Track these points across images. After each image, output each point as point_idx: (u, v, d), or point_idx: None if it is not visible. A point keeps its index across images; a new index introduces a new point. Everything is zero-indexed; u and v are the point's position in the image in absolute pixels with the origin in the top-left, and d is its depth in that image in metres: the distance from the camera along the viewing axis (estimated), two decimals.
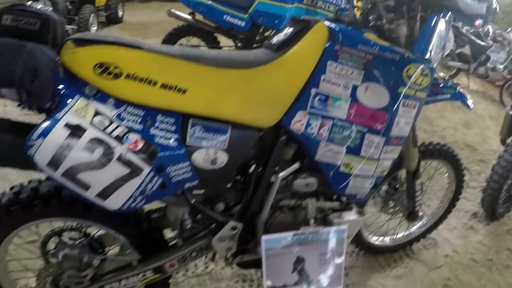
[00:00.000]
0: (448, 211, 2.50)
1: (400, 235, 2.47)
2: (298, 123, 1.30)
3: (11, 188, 1.28)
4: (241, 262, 1.53)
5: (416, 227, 2.51)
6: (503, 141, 3.10)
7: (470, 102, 1.88)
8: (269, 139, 1.34)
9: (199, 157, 1.17)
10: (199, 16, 3.77)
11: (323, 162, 1.37)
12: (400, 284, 2.28)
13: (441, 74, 7.58)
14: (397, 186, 2.14)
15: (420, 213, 2.15)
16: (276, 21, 3.62)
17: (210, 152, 1.18)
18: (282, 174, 1.35)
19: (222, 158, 1.20)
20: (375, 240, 2.38)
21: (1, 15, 0.96)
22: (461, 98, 1.83)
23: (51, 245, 1.43)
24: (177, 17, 3.70)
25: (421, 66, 1.40)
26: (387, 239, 2.43)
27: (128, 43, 1.08)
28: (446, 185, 2.45)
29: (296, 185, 1.42)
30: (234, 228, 1.36)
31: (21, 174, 1.38)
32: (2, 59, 0.92)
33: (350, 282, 2.20)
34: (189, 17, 3.75)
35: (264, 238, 1.32)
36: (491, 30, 8.34)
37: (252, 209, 1.38)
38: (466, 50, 7.46)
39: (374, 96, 1.35)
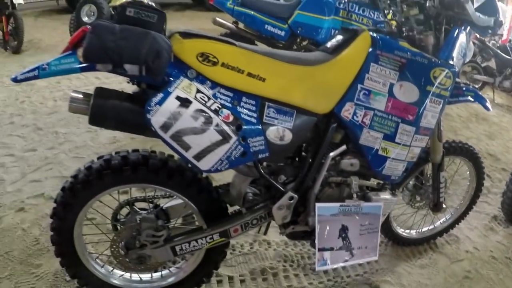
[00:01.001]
0: (469, 208, 2.72)
1: (425, 228, 2.70)
2: (347, 112, 1.60)
3: (99, 157, 1.51)
4: (292, 232, 1.79)
5: (439, 222, 2.74)
6: None
7: (489, 104, 2.15)
8: (323, 124, 1.63)
9: (271, 133, 1.45)
10: (241, 25, 4.04)
11: (365, 146, 1.66)
12: (424, 272, 2.50)
13: None
14: (423, 181, 2.40)
15: (444, 206, 2.39)
16: (314, 32, 3.83)
17: (280, 130, 1.47)
18: (332, 154, 1.64)
19: (288, 136, 1.49)
20: (403, 232, 2.61)
21: (125, 8, 1.25)
22: (481, 100, 2.10)
23: (120, 216, 1.68)
24: (221, 25, 3.96)
25: (445, 70, 1.69)
26: (413, 232, 2.67)
27: (224, 39, 1.40)
28: (468, 182, 2.68)
29: (343, 164, 1.71)
30: (291, 198, 1.63)
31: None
32: (131, 41, 1.19)
33: (380, 268, 2.43)
34: (232, 25, 4.02)
35: (318, 205, 1.60)
36: None
37: (306, 183, 1.66)
38: (492, 64, 7.54)
39: (407, 93, 1.65)
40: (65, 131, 3.26)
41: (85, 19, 5.27)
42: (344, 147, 1.65)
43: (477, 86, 7.64)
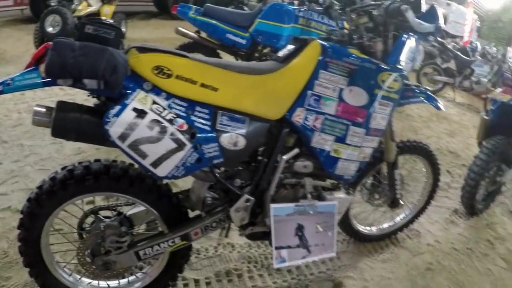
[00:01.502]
0: (427, 203, 2.83)
1: (385, 225, 2.80)
2: (298, 117, 1.68)
3: (63, 168, 1.56)
4: (251, 233, 1.86)
5: (399, 218, 2.85)
6: (479, 144, 3.44)
7: (440, 104, 2.26)
8: (275, 129, 1.70)
9: (225, 140, 1.53)
10: (203, 34, 4.10)
11: (317, 148, 1.74)
12: (386, 266, 2.60)
13: (428, 88, 7.95)
14: (381, 180, 2.50)
15: (401, 202, 2.50)
16: (274, 40, 3.92)
17: (233, 136, 1.55)
18: (285, 158, 1.71)
19: (242, 142, 1.57)
20: (363, 229, 2.71)
21: (84, 25, 1.33)
22: (432, 101, 2.21)
23: (86, 225, 1.71)
24: (184, 34, 4.01)
25: (393, 74, 1.78)
26: (373, 228, 2.77)
27: (177, 53, 1.47)
28: (424, 179, 2.79)
29: (296, 166, 1.79)
30: (247, 201, 1.70)
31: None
32: (89, 57, 1.26)
33: (342, 264, 2.51)
34: (195, 35, 4.08)
35: (272, 206, 1.67)
36: (479, 46, 8.77)
37: (261, 186, 1.73)
38: (452, 65, 7.82)
39: (356, 97, 1.73)
40: (30, 143, 3.25)
41: (50, 29, 5.18)
42: (296, 150, 1.73)
43: (439, 87, 7.89)
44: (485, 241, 3.19)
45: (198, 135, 1.45)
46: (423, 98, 2.16)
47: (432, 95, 2.25)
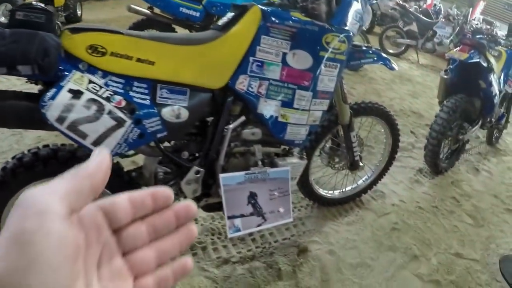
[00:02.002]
0: (389, 163, 2.86)
1: (348, 188, 2.84)
2: (241, 84, 1.66)
3: (13, 157, 1.55)
4: (206, 205, 1.87)
5: (362, 180, 2.88)
6: (440, 103, 3.50)
7: (393, 64, 2.26)
8: (220, 99, 1.68)
9: (167, 113, 1.51)
10: (156, 10, 4.00)
11: (264, 114, 1.73)
12: (351, 229, 2.64)
13: (390, 51, 8.02)
14: (339, 143, 2.51)
15: (361, 164, 2.52)
16: (228, 10, 3.85)
17: (175, 109, 1.53)
18: (231, 126, 1.70)
19: (184, 114, 1.55)
20: (326, 193, 2.74)
21: (15, 12, 1.29)
22: (384, 60, 2.21)
23: None
24: (137, 12, 3.91)
25: (338, 35, 1.76)
26: (336, 192, 2.80)
27: (111, 29, 1.43)
28: (384, 139, 2.82)
29: (244, 134, 1.77)
30: (197, 172, 1.69)
31: None
32: (21, 44, 1.24)
33: (307, 230, 2.54)
34: (147, 11, 3.99)
35: (221, 176, 1.66)
36: (442, 9, 8.82)
37: (211, 156, 1.72)
38: (414, 27, 7.89)
39: (300, 60, 1.71)
40: None
41: (2, 19, 5.00)
42: (243, 118, 1.72)
43: (401, 50, 7.96)
44: (451, 199, 3.27)
45: (138, 110, 1.43)
46: (374, 59, 2.16)
47: (384, 55, 2.25)
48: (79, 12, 6.64)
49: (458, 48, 3.38)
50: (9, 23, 1.29)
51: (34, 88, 1.46)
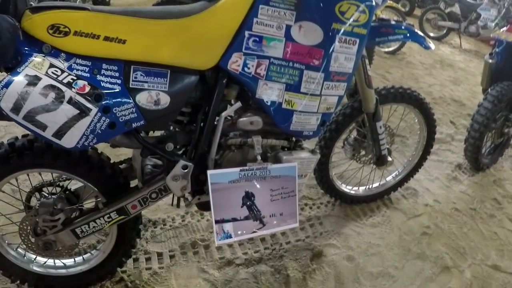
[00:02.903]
0: (423, 157, 2.55)
1: (375, 184, 2.54)
2: (235, 63, 1.39)
3: None
4: (200, 203, 1.64)
5: (391, 176, 2.58)
6: (484, 91, 3.14)
7: (429, 43, 1.93)
8: (211, 81, 1.44)
9: (143, 99, 1.30)
10: None
11: (264, 100, 1.46)
12: (376, 232, 2.36)
13: (431, 34, 7.55)
14: (366, 134, 2.21)
15: (389, 158, 2.22)
16: None
17: (152, 94, 1.32)
18: (224, 114, 1.45)
19: (165, 99, 1.33)
20: (349, 189, 2.45)
21: None
22: (417, 38, 1.89)
23: (34, 202, 1.61)
24: None
25: (356, 3, 1.46)
26: (361, 189, 2.51)
27: (75, 6, 1.25)
28: (418, 131, 2.49)
29: (241, 123, 1.51)
30: (185, 167, 1.46)
31: None
32: None
33: (324, 231, 2.28)
34: None
35: (210, 172, 1.41)
36: None
37: (201, 149, 1.49)
38: (456, 9, 7.44)
39: (308, 34, 1.42)
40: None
41: None
42: (238, 104, 1.46)
43: (443, 33, 7.52)
44: (492, 200, 2.92)
45: (106, 96, 1.25)
46: (405, 35, 1.84)
47: (419, 32, 1.91)
48: None
49: (505, 28, 2.99)
50: None
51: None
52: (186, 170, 1.46)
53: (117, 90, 1.27)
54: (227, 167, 1.51)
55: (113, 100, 1.26)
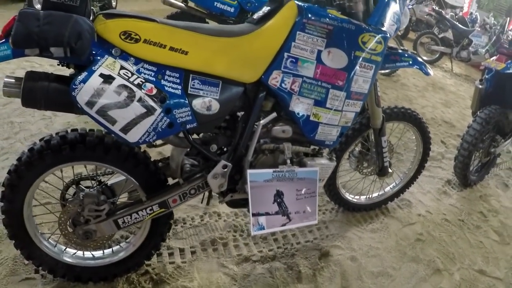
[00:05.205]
0: (418, 172, 2.80)
1: (375, 194, 2.78)
2: (274, 80, 1.63)
3: (41, 139, 1.57)
4: (231, 200, 1.84)
5: (389, 187, 2.82)
6: (474, 114, 3.37)
7: (429, 69, 2.20)
8: (252, 93, 1.66)
9: (198, 104, 1.49)
10: (191, 3, 3.99)
11: (295, 112, 1.70)
12: (375, 236, 2.58)
13: (424, 58, 7.85)
14: (369, 148, 2.46)
15: (390, 170, 2.46)
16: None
17: (206, 100, 1.51)
18: (262, 122, 1.67)
19: (215, 106, 1.53)
20: (352, 198, 2.69)
21: None
22: (419, 65, 2.15)
23: (68, 196, 1.73)
24: (171, 4, 3.91)
25: (375, 35, 1.72)
26: (363, 198, 2.74)
27: (145, 17, 1.43)
28: (414, 147, 2.75)
29: (275, 131, 1.75)
30: (225, 167, 1.67)
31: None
32: (54, 26, 1.24)
33: (330, 234, 2.50)
34: (182, 4, 3.98)
35: (249, 171, 1.63)
36: (479, 17, 8.62)
37: (239, 151, 1.70)
38: (449, 34, 7.72)
39: (335, 59, 1.68)
40: (20, 120, 3.22)
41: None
42: (274, 114, 1.69)
43: (435, 57, 7.80)
44: (478, 213, 3.16)
45: (169, 99, 1.42)
46: (410, 62, 2.10)
47: (420, 59, 2.19)
48: (113, 3, 6.66)
49: (494, 58, 3.27)
50: (43, 6, 1.30)
51: (66, 72, 1.47)
52: (225, 170, 1.67)
53: (178, 94, 1.45)
54: (259, 168, 1.73)
55: (174, 103, 1.43)
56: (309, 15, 1.61)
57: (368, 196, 2.76)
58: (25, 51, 1.28)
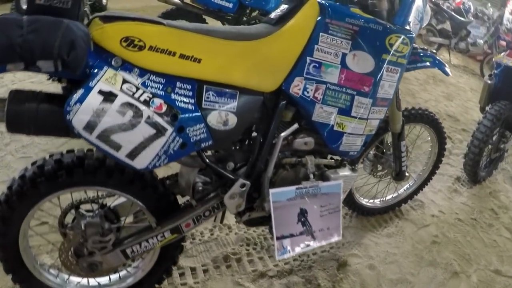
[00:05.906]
0: (432, 173, 2.70)
1: (389, 197, 2.67)
2: (296, 87, 1.46)
3: (33, 164, 1.37)
4: (249, 219, 1.67)
5: (403, 189, 2.71)
6: (482, 109, 3.30)
7: (447, 69, 2.07)
8: (271, 103, 1.49)
9: (213, 119, 1.30)
10: None
11: (319, 122, 1.54)
12: (391, 241, 2.48)
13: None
14: (384, 150, 2.33)
15: (407, 174, 2.34)
16: (263, 2, 3.65)
17: (222, 114, 1.32)
18: (283, 134, 1.50)
19: (232, 120, 1.34)
20: (366, 202, 2.57)
21: None
22: (439, 65, 2.02)
23: (68, 221, 1.53)
24: (166, 1, 3.71)
25: (402, 36, 1.58)
26: (377, 201, 2.63)
27: (150, 19, 1.21)
28: (429, 148, 2.64)
29: (296, 144, 1.58)
30: (243, 186, 1.50)
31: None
32: (40, 34, 1.01)
33: (346, 241, 2.38)
34: (177, 0, 3.78)
35: (272, 191, 1.48)
36: (472, 7, 8.58)
37: (258, 167, 1.53)
38: (447, 26, 7.67)
39: (361, 63, 1.52)
40: None
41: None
42: (296, 125, 1.52)
43: (434, 48, 7.76)
44: (489, 211, 3.11)
45: (181, 116, 1.23)
46: (430, 63, 1.97)
47: (439, 59, 2.06)
48: (104, 1, 6.40)
49: (505, 53, 3.18)
50: (28, 8, 1.07)
51: (58, 87, 1.24)
52: (243, 189, 1.50)
53: (191, 109, 1.25)
54: (280, 185, 1.56)
55: (187, 120, 1.23)
56: (333, 14, 1.45)
57: (382, 199, 2.64)
58: (6, 67, 1.04)
